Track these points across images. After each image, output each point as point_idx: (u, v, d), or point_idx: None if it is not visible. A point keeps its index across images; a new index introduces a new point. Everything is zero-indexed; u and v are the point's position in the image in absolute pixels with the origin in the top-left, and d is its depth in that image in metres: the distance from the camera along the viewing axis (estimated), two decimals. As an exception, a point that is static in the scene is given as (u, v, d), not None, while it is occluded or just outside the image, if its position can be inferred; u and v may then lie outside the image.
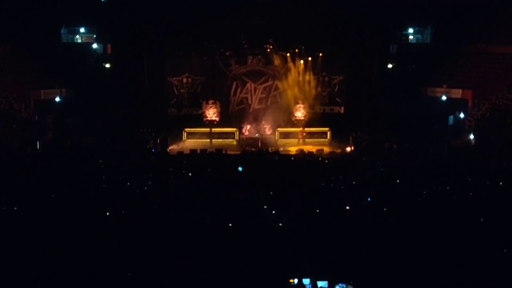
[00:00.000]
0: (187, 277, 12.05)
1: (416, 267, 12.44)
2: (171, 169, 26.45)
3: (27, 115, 34.55)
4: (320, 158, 32.08)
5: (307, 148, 35.28)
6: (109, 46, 39.63)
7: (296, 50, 37.95)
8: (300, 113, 38.31)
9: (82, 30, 40.82)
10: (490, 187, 21.57)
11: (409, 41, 41.65)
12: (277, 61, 38.43)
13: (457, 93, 37.98)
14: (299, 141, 37.17)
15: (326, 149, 34.89)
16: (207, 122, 38.04)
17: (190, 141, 37.21)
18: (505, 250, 13.39)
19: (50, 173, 25.14)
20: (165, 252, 13.25)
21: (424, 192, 20.53)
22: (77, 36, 41.21)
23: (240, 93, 39.54)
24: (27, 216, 16.69)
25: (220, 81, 39.11)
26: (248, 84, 39.39)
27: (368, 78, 37.81)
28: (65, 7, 38.44)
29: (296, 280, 11.74)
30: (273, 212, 17.46)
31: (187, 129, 37.63)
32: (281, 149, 35.40)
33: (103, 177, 24.13)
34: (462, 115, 36.77)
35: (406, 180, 23.15)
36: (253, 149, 34.59)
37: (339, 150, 34.93)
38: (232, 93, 39.46)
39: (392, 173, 25.23)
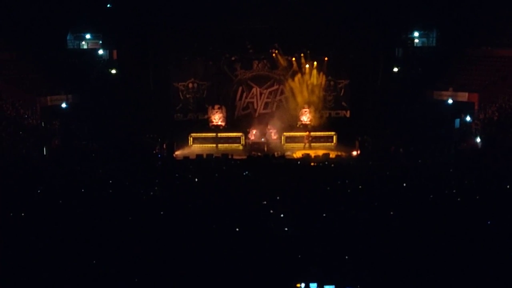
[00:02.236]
0: (194, 281, 12.04)
1: (424, 271, 12.39)
2: (177, 174, 26.45)
3: (34, 121, 34.63)
4: (326, 163, 32.01)
5: (313, 152, 35.25)
6: (115, 52, 39.80)
7: (302, 55, 38.01)
8: (306, 117, 38.32)
9: (88, 36, 40.96)
10: (497, 190, 21.46)
11: (415, 44, 41.70)
12: (282, 65, 38.46)
13: (463, 96, 37.89)
14: (305, 145, 37.14)
15: (332, 153, 34.86)
16: (213, 127, 38.07)
17: (196, 146, 37.27)
18: (512, 253, 13.34)
19: (56, 179, 25.18)
20: (172, 257, 13.25)
21: (431, 196, 20.47)
22: (83, 42, 41.35)
23: (246, 97, 39.57)
24: (33, 222, 16.72)
25: (225, 86, 39.18)
26: (254, 89, 39.42)
27: (373, 82, 37.82)
28: (71, 14, 38.59)
29: (303, 285, 11.71)
30: (281, 215, 17.44)
31: (193, 134, 37.68)
32: (287, 153, 35.39)
33: (110, 182, 24.16)
34: (468, 118, 36.65)
35: (413, 184, 23.09)
36: (259, 154, 34.57)
37: (345, 154, 34.89)
38: (237, 97, 39.49)
39: (398, 177, 25.15)
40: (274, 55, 38.09)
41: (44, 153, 33.06)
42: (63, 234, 15.14)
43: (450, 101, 38.12)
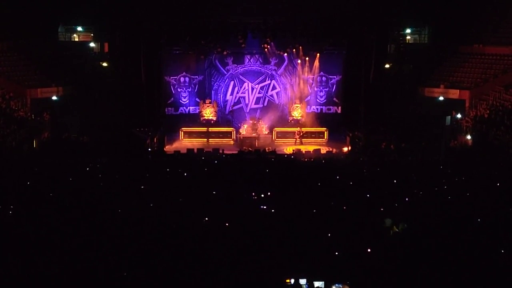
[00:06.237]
0: (184, 276, 12.01)
1: (412, 267, 12.41)
2: (168, 168, 26.40)
3: (24, 113, 34.49)
4: (317, 158, 32.02)
5: (304, 148, 35.23)
6: (106, 44, 39.67)
7: (294, 50, 37.95)
8: (297, 112, 38.31)
9: (79, 28, 40.85)
10: (487, 188, 21.55)
11: (407, 41, 41.78)
12: (274, 60, 38.42)
13: (455, 93, 38.04)
14: (296, 141, 37.10)
15: (323, 149, 34.84)
16: (204, 122, 37.98)
17: (187, 141, 37.13)
18: (502, 251, 13.37)
19: (46, 172, 25.09)
20: (161, 251, 13.21)
21: (421, 192, 20.53)
22: (75, 35, 41.23)
23: (237, 92, 39.51)
24: (23, 215, 16.64)
25: (217, 80, 39.11)
26: (245, 84, 39.36)
27: (365, 78, 37.82)
28: (62, 6, 38.42)
29: (292, 280, 11.70)
30: (272, 211, 17.44)
31: (184, 129, 37.56)
32: (281, 148, 35.40)
33: (100, 175, 24.08)
34: (459, 116, 36.80)
35: (403, 180, 23.14)
36: (250, 149, 34.52)
37: (336, 150, 34.88)
38: (229, 92, 39.43)
39: (389, 173, 25.21)
40: (266, 50, 38.03)
41: (34, 145, 32.92)
42: (53, 227, 15.08)
43: (441, 98, 38.25)
